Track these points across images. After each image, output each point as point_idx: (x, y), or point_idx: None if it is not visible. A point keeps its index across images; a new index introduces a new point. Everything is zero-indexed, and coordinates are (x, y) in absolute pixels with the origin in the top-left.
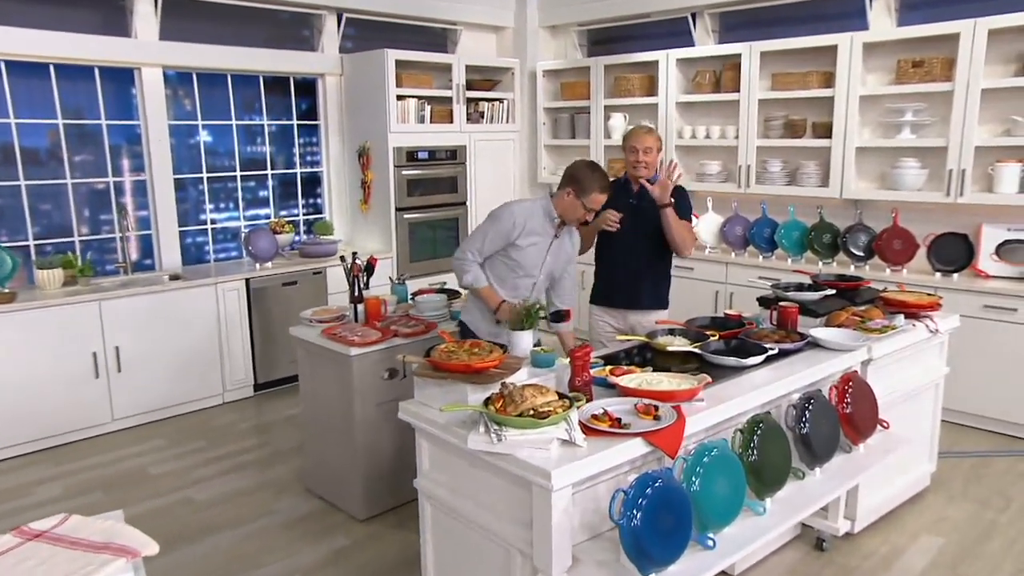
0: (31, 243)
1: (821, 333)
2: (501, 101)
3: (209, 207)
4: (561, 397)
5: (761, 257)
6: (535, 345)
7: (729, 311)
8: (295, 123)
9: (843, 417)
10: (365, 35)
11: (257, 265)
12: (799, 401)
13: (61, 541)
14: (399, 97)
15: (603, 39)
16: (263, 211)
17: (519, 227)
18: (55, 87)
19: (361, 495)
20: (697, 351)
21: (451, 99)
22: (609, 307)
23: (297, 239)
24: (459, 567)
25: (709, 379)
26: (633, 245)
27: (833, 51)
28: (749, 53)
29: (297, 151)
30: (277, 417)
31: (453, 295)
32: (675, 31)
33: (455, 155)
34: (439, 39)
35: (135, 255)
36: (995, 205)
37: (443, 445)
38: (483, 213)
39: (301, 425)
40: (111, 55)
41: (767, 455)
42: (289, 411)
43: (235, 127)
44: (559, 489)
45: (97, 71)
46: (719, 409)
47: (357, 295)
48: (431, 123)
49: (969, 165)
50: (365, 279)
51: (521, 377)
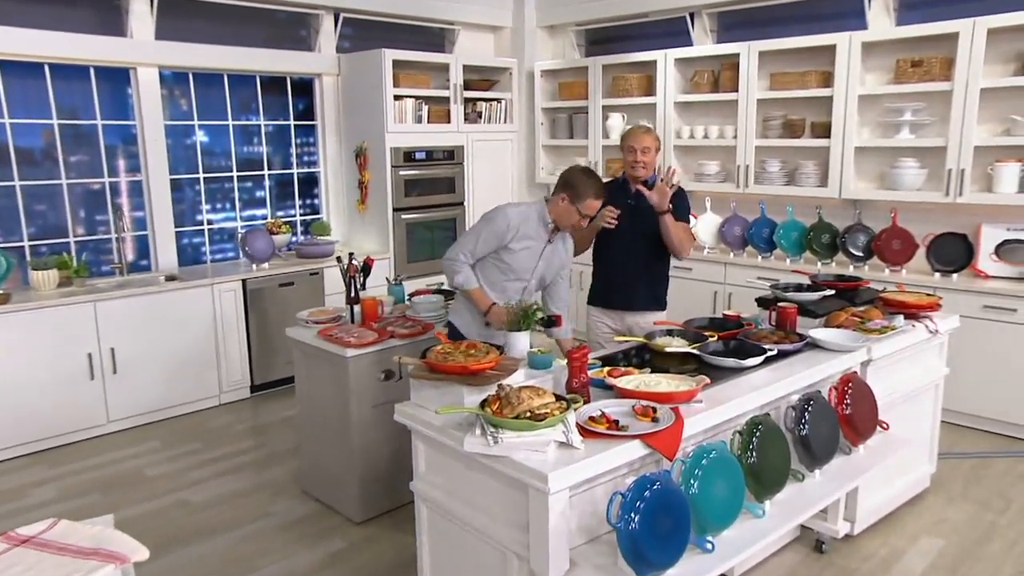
0: (26, 244)
1: (820, 334)
2: (499, 101)
3: (205, 208)
4: (558, 399)
5: (760, 257)
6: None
7: (728, 312)
8: (292, 123)
9: (843, 418)
10: (362, 35)
11: (254, 266)
12: (798, 402)
13: (49, 547)
14: (396, 97)
15: (601, 39)
16: (260, 212)
17: (513, 230)
18: (50, 87)
19: (357, 497)
20: (695, 352)
21: (449, 99)
22: (607, 308)
23: (294, 240)
24: (455, 570)
25: (708, 380)
26: (631, 246)
27: (832, 51)
28: (747, 53)
29: (294, 151)
30: (274, 418)
31: (450, 296)
32: (673, 31)
33: (453, 155)
34: (437, 39)
35: (131, 256)
36: (994, 205)
37: (439, 447)
38: (481, 213)
39: (297, 427)
40: (106, 55)
41: (766, 457)
42: (286, 412)
43: (232, 127)
44: (556, 492)
45: (92, 71)
46: (718, 411)
47: (354, 296)
48: (428, 123)
49: (968, 165)
50: (362, 280)
51: (518, 379)
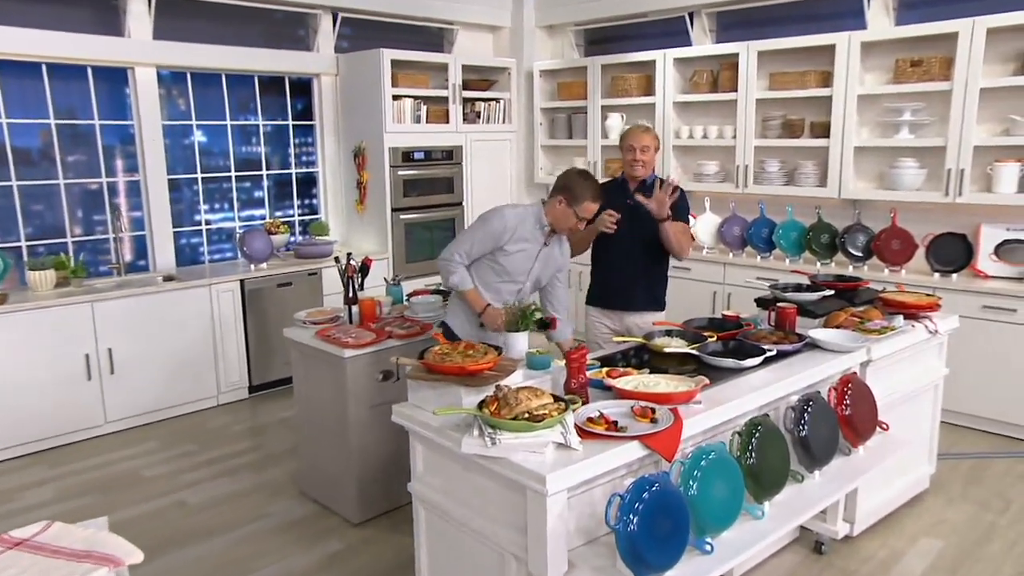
0: (23, 244)
1: (820, 334)
2: (498, 101)
3: (204, 208)
4: (556, 400)
5: (759, 257)
6: None
7: (727, 312)
8: (290, 123)
9: (842, 419)
10: (361, 35)
11: (252, 266)
12: (798, 403)
13: (42, 550)
14: (395, 97)
15: (600, 39)
16: (258, 212)
17: (509, 232)
18: (47, 87)
19: (355, 498)
20: (694, 352)
21: (447, 99)
22: (605, 308)
23: (292, 240)
24: (453, 572)
25: (707, 381)
26: (630, 246)
27: (831, 50)
28: (746, 52)
29: (292, 151)
30: (272, 419)
31: (449, 296)
32: (672, 31)
33: (451, 155)
34: (435, 39)
35: (129, 256)
36: (994, 205)
37: (437, 448)
38: (479, 214)
39: (295, 428)
40: (104, 55)
41: (765, 458)
42: (284, 413)
43: (230, 127)
44: (554, 493)
45: (90, 71)
46: (717, 411)
47: (351, 296)
48: (427, 123)
49: (968, 165)
50: (360, 280)
51: (516, 379)
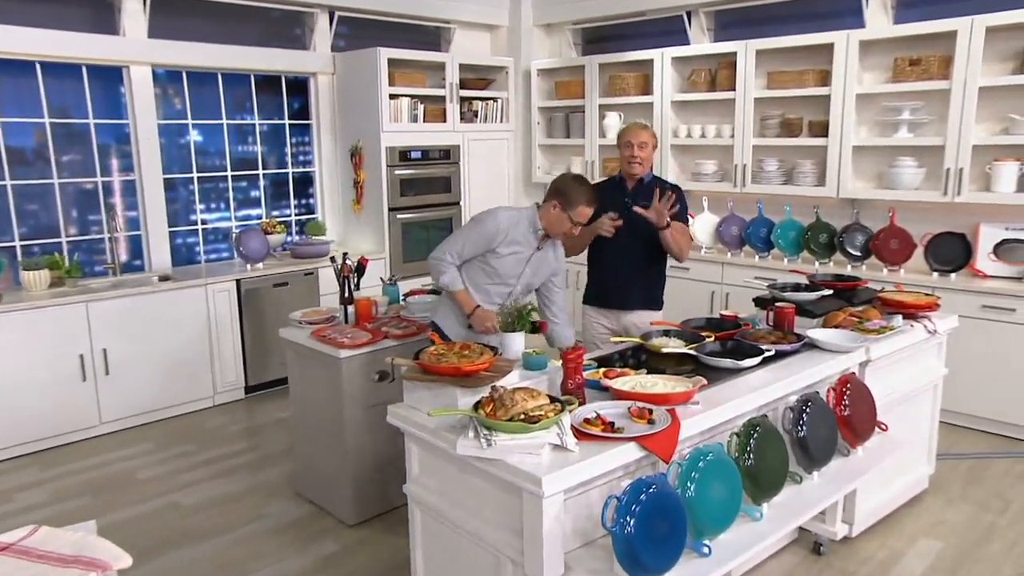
0: (17, 244)
1: (818, 334)
2: (495, 100)
3: (200, 207)
4: (553, 401)
5: (757, 257)
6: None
7: (725, 312)
8: (287, 122)
9: (841, 420)
10: (357, 33)
11: (248, 266)
12: (796, 404)
13: (29, 555)
14: (392, 96)
15: (598, 38)
16: (255, 211)
17: (502, 234)
18: (41, 85)
19: (351, 499)
20: (692, 353)
21: (444, 98)
22: (603, 308)
23: (289, 240)
24: (449, 574)
25: (704, 381)
26: (628, 245)
27: (829, 49)
28: (745, 51)
29: (289, 151)
30: (268, 420)
31: None
32: (670, 29)
33: (449, 155)
34: (432, 38)
35: (124, 256)
36: (993, 204)
37: (433, 450)
38: (476, 213)
39: (291, 428)
40: (99, 53)
41: (764, 459)
42: (280, 414)
43: (226, 126)
44: (550, 496)
45: (84, 69)
46: (715, 412)
47: (347, 296)
48: (424, 122)
49: (967, 164)
50: (356, 280)
51: (512, 380)
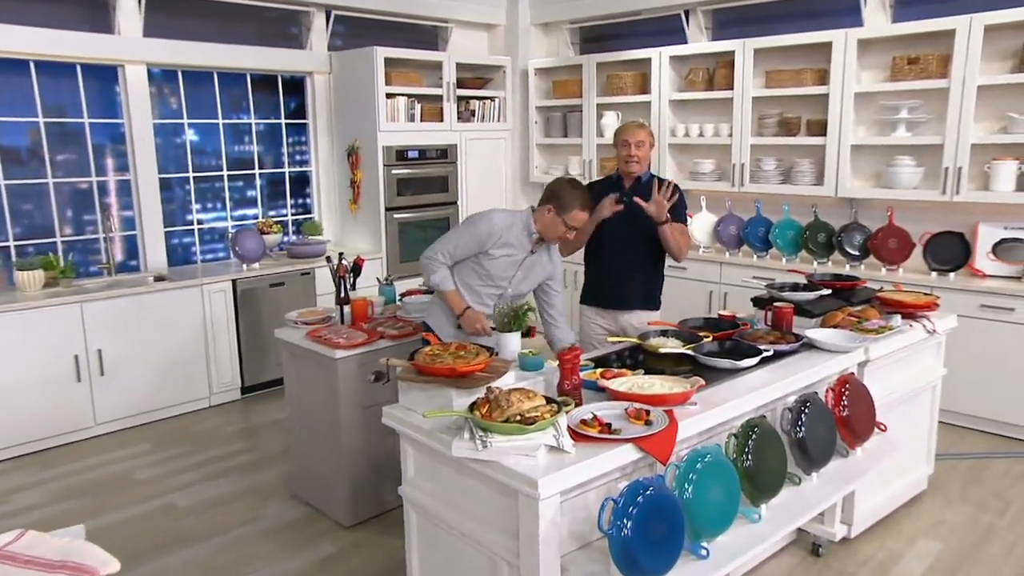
0: (11, 244)
1: (817, 334)
2: (492, 99)
3: (196, 207)
4: (549, 402)
5: (755, 257)
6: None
7: (723, 312)
8: (283, 122)
9: (840, 420)
10: (354, 32)
11: (244, 266)
12: (795, 404)
13: (15, 560)
14: (389, 95)
15: (595, 37)
16: (251, 211)
17: (495, 236)
18: (35, 84)
19: (347, 501)
20: (690, 353)
21: (442, 97)
22: (600, 307)
23: (285, 239)
24: None
25: (702, 382)
26: (625, 245)
27: (827, 48)
28: (743, 50)
29: (285, 150)
30: (264, 421)
31: None
32: (668, 28)
33: (446, 154)
34: (429, 37)
35: (120, 256)
36: (991, 203)
37: (428, 452)
38: (473, 212)
39: (287, 429)
40: (94, 52)
41: (762, 460)
42: (276, 414)
43: (222, 126)
44: (546, 498)
45: (79, 68)
46: (712, 413)
47: (343, 296)
48: (421, 122)
49: (965, 163)
50: (352, 280)
51: (508, 381)
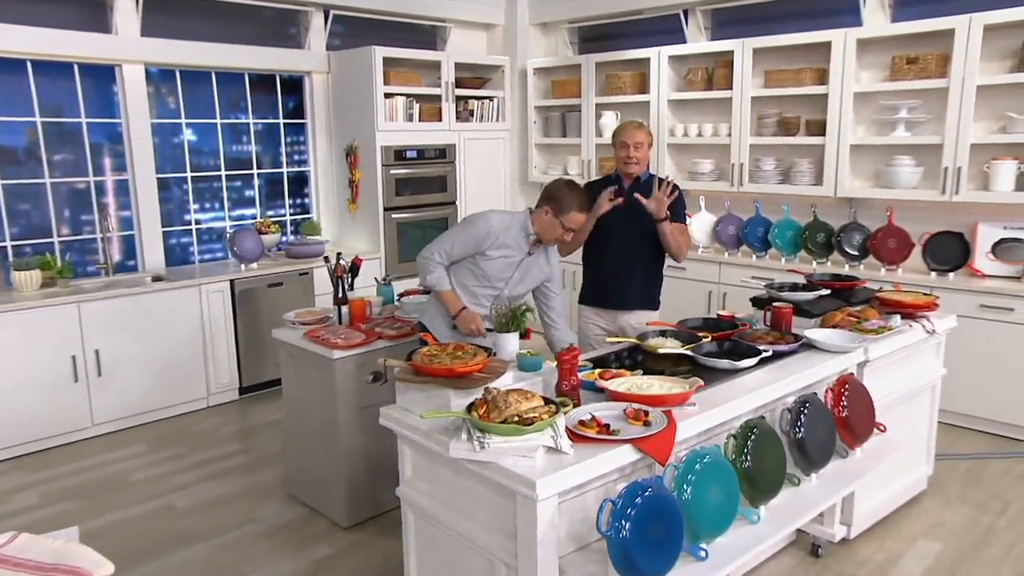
0: (8, 244)
1: (816, 334)
2: (491, 99)
3: (194, 207)
4: (547, 402)
5: (754, 257)
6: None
7: (722, 312)
8: (281, 122)
9: (839, 421)
10: (353, 32)
11: (242, 266)
12: (794, 405)
13: (6, 563)
14: (387, 95)
15: (594, 36)
16: (249, 211)
17: (492, 237)
18: (32, 84)
19: (344, 502)
20: (689, 353)
21: (440, 97)
22: (599, 307)
23: (284, 239)
24: None
25: (701, 382)
26: (624, 245)
27: (827, 48)
28: (742, 50)
29: (284, 150)
30: (262, 421)
31: None
32: (667, 28)
33: (444, 154)
34: (428, 36)
35: (117, 256)
36: (991, 203)
37: (426, 452)
38: (472, 212)
39: (284, 430)
40: (91, 51)
41: (761, 461)
42: (274, 415)
43: (220, 126)
44: (544, 499)
45: (76, 68)
46: (711, 414)
47: (341, 296)
48: (420, 121)
49: (964, 163)
50: (350, 280)
51: (506, 382)
